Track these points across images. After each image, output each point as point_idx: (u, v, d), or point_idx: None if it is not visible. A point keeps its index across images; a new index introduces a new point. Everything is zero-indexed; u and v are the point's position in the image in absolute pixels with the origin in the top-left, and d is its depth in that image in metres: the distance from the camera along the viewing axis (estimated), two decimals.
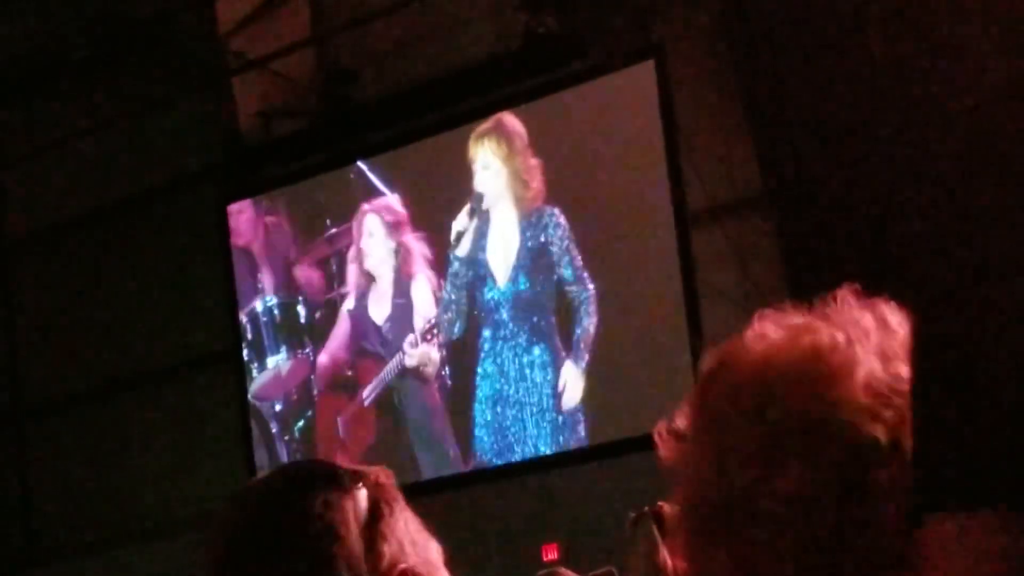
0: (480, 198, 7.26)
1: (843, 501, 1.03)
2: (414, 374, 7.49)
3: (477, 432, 7.24)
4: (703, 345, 6.74)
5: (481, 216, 7.25)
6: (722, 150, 6.63)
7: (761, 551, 1.03)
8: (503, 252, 7.21)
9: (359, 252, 7.72)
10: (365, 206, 7.71)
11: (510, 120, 7.20)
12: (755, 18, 5.86)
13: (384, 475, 1.67)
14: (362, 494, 1.59)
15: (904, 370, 1.06)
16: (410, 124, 7.61)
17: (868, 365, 1.08)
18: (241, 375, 8.07)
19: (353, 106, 7.82)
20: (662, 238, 6.76)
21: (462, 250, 7.30)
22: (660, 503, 3.82)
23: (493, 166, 7.22)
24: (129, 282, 8.64)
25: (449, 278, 7.33)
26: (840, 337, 1.08)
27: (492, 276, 7.23)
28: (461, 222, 7.30)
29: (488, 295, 7.24)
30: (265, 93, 8.07)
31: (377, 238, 7.68)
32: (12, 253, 9.22)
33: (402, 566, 1.56)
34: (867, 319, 1.09)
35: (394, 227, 7.62)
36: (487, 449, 7.22)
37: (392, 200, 7.62)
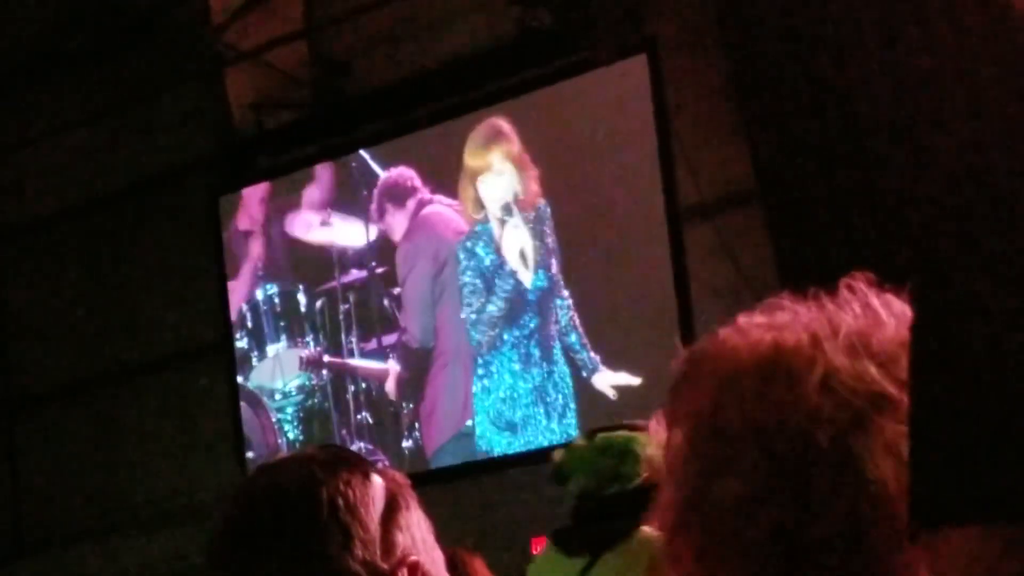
0: (499, 206, 7.20)
1: (784, 507, 1.02)
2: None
3: (488, 430, 7.22)
4: (694, 340, 6.74)
5: (502, 224, 7.22)
6: (714, 145, 6.64)
7: (710, 552, 1.04)
8: (521, 253, 7.16)
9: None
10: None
11: (503, 123, 7.18)
12: (747, 11, 5.86)
13: (401, 476, 1.70)
14: (381, 483, 1.61)
15: (872, 369, 1.05)
16: (402, 116, 7.61)
17: (830, 364, 1.06)
18: (232, 366, 8.06)
19: (346, 98, 7.82)
20: (654, 233, 6.76)
21: (493, 261, 7.26)
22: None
23: (507, 171, 7.19)
24: (120, 273, 8.64)
25: (497, 292, 7.28)
26: (804, 337, 1.07)
27: (517, 279, 7.18)
28: (508, 236, 7.23)
29: (513, 297, 7.20)
30: (258, 85, 8.06)
31: None
32: (3, 243, 9.21)
33: (413, 558, 1.58)
34: (846, 314, 1.08)
35: None
36: (497, 445, 7.21)
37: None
